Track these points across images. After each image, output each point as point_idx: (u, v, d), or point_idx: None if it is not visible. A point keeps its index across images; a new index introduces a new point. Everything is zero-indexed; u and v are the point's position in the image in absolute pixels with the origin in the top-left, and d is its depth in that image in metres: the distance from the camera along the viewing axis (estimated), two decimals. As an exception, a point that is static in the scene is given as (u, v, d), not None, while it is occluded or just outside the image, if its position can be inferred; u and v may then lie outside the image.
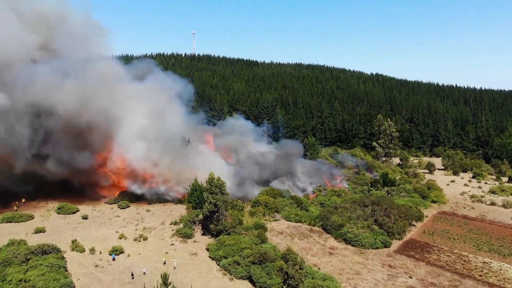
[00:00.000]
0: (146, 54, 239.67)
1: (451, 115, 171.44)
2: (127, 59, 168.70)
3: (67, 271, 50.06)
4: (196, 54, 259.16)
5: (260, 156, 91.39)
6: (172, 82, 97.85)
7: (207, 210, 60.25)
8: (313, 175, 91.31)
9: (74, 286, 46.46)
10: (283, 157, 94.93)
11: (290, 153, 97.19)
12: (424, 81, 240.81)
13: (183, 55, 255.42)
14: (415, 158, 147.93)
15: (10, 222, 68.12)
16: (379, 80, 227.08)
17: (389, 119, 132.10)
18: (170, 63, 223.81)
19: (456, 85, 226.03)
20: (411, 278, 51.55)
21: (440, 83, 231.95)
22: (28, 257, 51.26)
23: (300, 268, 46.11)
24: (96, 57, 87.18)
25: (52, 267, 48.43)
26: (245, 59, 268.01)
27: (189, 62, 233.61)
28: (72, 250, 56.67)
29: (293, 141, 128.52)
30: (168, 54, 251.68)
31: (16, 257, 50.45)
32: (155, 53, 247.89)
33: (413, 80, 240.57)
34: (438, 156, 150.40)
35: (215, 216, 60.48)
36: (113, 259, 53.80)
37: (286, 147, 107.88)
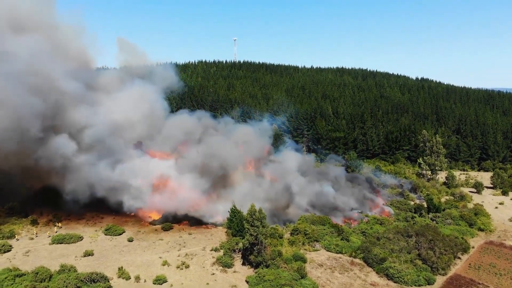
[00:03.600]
0: (189, 62, 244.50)
1: (501, 126, 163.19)
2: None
3: (113, 302, 52.55)
4: (237, 61, 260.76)
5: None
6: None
7: (248, 242, 60.90)
8: (354, 199, 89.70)
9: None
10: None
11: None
12: (472, 87, 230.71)
13: (224, 62, 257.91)
14: (462, 172, 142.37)
15: (61, 243, 71.74)
16: (424, 87, 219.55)
17: (437, 135, 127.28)
18: (212, 71, 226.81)
19: (506, 91, 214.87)
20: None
21: (490, 88, 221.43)
22: (78, 285, 54.04)
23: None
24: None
25: (100, 298, 50.88)
26: (285, 64, 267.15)
27: (230, 70, 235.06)
28: (119, 277, 59.13)
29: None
30: (210, 61, 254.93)
31: (66, 286, 53.27)
32: (197, 61, 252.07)
33: (461, 86, 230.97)
34: (487, 171, 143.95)
35: (255, 248, 61.00)
36: None
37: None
